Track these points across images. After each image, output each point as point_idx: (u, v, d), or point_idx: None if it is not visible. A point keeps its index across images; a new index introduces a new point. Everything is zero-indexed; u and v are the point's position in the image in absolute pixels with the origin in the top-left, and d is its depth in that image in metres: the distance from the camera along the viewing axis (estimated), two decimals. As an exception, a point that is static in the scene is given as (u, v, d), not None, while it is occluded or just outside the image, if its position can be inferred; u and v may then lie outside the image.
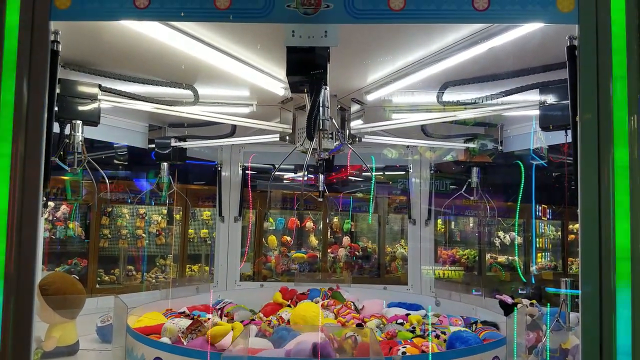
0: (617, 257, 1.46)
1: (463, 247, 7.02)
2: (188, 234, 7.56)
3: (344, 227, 7.66)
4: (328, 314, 3.12)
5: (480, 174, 3.63)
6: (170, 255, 7.51)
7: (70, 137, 2.54)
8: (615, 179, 1.47)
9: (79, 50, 2.44)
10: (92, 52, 2.47)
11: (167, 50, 2.32)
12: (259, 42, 2.27)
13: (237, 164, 4.58)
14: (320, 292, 3.76)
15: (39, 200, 1.54)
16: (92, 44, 2.37)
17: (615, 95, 1.42)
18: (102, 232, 6.64)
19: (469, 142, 3.52)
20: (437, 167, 4.23)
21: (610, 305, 1.47)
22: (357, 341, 2.27)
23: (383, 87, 2.69)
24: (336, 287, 3.93)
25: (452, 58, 2.26)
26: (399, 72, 2.53)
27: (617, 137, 1.45)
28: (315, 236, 8.00)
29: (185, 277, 7.16)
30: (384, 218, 7.47)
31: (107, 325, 3.02)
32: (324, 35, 1.60)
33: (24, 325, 1.44)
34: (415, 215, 4.17)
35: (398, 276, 6.62)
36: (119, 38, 2.25)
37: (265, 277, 7.18)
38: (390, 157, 4.47)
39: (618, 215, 1.46)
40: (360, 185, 7.10)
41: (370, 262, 7.26)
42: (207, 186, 7.10)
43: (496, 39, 2.03)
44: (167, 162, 3.88)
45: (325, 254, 7.29)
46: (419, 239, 4.13)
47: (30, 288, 1.47)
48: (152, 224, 7.35)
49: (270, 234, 8.08)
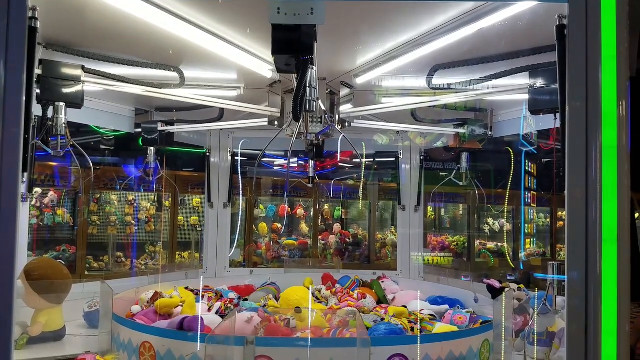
0: (604, 240, 1.46)
1: (453, 234, 7.07)
2: (178, 220, 7.51)
3: (335, 214, 7.66)
4: (330, 299, 3.15)
5: (469, 159, 3.62)
6: (160, 242, 7.47)
7: (53, 120, 2.48)
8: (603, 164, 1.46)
9: (61, 30, 2.38)
10: (75, 32, 2.41)
11: (151, 30, 2.26)
12: (245, 21, 2.22)
13: (226, 149, 4.54)
14: (349, 279, 3.78)
15: (18, 184, 1.50)
16: (75, 24, 2.31)
17: (604, 76, 1.41)
18: (91, 218, 6.57)
19: (459, 127, 3.50)
20: (427, 153, 4.22)
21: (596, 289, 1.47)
22: (289, 324, 2.36)
23: (372, 70, 2.66)
24: (382, 275, 3.95)
25: (441, 39, 2.23)
26: (388, 54, 2.50)
27: (605, 120, 1.44)
28: (306, 223, 7.99)
29: (175, 263, 7.13)
30: (374, 205, 7.48)
31: (94, 310, 3.00)
32: (310, 12, 1.56)
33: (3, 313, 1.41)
34: (405, 201, 4.17)
35: (388, 262, 6.64)
36: (101, 17, 2.19)
37: (255, 263, 7.17)
38: (380, 143, 4.45)
39: (605, 201, 1.45)
40: (351, 172, 7.09)
41: (360, 248, 7.27)
42: (196, 172, 7.04)
43: (485, 20, 2.01)
44: (154, 147, 3.82)
45: (316, 241, 7.29)
46: (409, 224, 4.13)
47: (10, 275, 1.44)
48: (141, 211, 7.29)
49: (261, 220, 8.06)
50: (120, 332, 2.47)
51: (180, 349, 2.22)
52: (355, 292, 3.40)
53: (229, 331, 2.22)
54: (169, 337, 2.28)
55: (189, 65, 2.81)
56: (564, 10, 1.46)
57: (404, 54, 2.46)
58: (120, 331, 2.46)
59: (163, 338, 2.29)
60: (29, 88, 1.60)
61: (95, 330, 2.84)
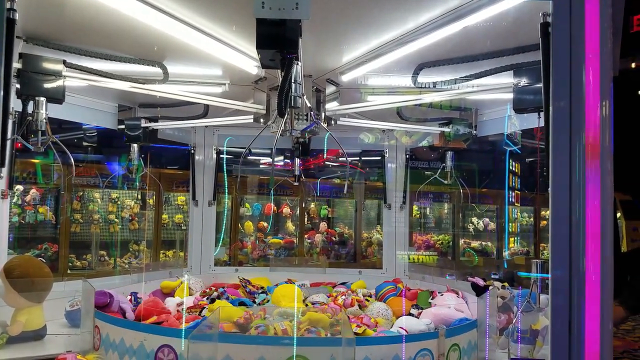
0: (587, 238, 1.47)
1: (437, 233, 7.12)
2: (162, 219, 7.43)
3: (321, 212, 7.66)
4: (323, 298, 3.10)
5: (454, 158, 3.64)
6: (144, 241, 7.38)
7: (34, 115, 2.43)
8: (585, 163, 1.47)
9: (42, 23, 2.33)
10: (56, 25, 2.36)
11: (133, 24, 2.23)
12: (230, 16, 2.20)
13: (211, 147, 4.49)
14: (387, 286, 3.36)
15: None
16: (56, 17, 2.26)
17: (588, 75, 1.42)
18: (74, 216, 6.47)
19: (444, 126, 3.52)
20: (413, 152, 4.23)
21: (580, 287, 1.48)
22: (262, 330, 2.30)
23: (358, 67, 2.65)
24: (434, 292, 3.29)
25: (427, 37, 2.23)
26: (374, 52, 2.50)
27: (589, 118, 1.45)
28: (292, 222, 7.97)
29: (159, 262, 7.05)
30: (360, 204, 7.50)
31: (75, 309, 2.94)
32: (294, 7, 1.54)
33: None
34: (391, 200, 4.18)
35: (374, 261, 6.67)
36: (82, 10, 2.15)
37: (241, 262, 7.13)
38: (366, 142, 4.46)
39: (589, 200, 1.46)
40: (337, 171, 7.10)
41: (346, 247, 7.29)
42: (181, 170, 6.98)
43: (470, 18, 2.02)
44: (137, 143, 3.76)
45: (302, 239, 7.28)
46: (394, 223, 4.14)
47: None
48: (124, 209, 7.20)
49: (247, 219, 8.02)
50: (101, 329, 2.44)
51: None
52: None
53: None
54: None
55: (173, 60, 2.77)
56: (549, 8, 1.47)
57: (390, 51, 2.46)
58: (109, 331, 2.42)
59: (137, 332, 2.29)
60: (7, 82, 1.55)
61: (77, 329, 2.79)
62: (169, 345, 2.17)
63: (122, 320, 2.54)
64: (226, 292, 3.12)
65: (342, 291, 3.13)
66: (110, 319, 2.46)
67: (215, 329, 2.15)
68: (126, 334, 2.32)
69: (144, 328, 2.33)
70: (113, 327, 2.41)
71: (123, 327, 2.37)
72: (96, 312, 2.50)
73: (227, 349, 2.04)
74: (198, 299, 3.06)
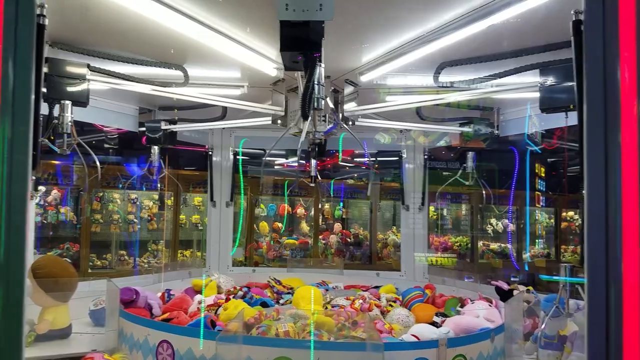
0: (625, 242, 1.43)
1: (455, 234, 7.04)
2: (179, 219, 7.50)
3: (335, 213, 7.64)
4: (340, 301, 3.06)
5: (475, 159, 3.59)
6: (162, 240, 7.46)
7: (59, 118, 2.47)
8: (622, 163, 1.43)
9: (66, 28, 2.36)
10: (80, 29, 2.39)
11: (155, 28, 2.25)
12: (250, 19, 2.20)
13: (228, 148, 4.52)
14: (414, 291, 3.25)
15: (27, 183, 1.48)
16: (79, 22, 2.29)
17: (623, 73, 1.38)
18: (94, 217, 6.56)
19: (464, 126, 3.48)
20: (431, 152, 4.19)
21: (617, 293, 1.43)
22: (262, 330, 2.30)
23: (378, 68, 2.63)
24: (466, 300, 3.09)
25: (449, 37, 2.21)
26: (394, 52, 2.48)
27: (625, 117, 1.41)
28: (307, 222, 7.97)
29: (177, 262, 7.12)
30: (375, 205, 7.46)
31: (99, 308, 2.98)
32: (318, 8, 1.54)
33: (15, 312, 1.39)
34: (409, 201, 4.14)
35: (389, 263, 6.61)
36: (106, 15, 2.18)
37: (256, 262, 7.16)
38: (383, 142, 4.43)
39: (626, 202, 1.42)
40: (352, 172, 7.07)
41: (361, 248, 7.25)
42: (198, 171, 7.03)
43: (495, 16, 1.98)
44: (157, 145, 3.80)
45: (316, 240, 7.27)
46: (412, 225, 4.10)
47: (20, 273, 1.42)
48: (143, 209, 7.29)
49: (261, 220, 8.05)
50: (125, 329, 2.46)
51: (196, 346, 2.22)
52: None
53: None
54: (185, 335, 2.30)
55: (193, 63, 2.79)
56: (580, 5, 1.43)
57: (410, 51, 2.44)
58: (126, 327, 2.45)
59: (165, 332, 2.32)
60: (38, 86, 1.57)
61: (101, 328, 2.83)
62: (167, 341, 2.28)
63: (132, 316, 2.58)
64: (250, 291, 3.14)
65: (362, 295, 3.09)
66: (129, 316, 2.51)
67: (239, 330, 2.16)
68: (135, 328, 2.43)
69: (149, 324, 2.42)
70: (127, 323, 2.49)
71: (133, 322, 2.46)
72: (121, 311, 2.53)
73: (249, 350, 2.05)
74: (218, 298, 3.08)
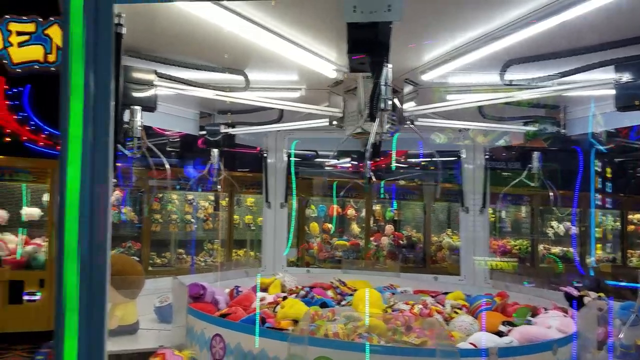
0: None
1: (515, 237, 6.77)
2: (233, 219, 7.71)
3: (387, 215, 7.55)
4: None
5: (541, 159, 3.43)
6: (217, 240, 7.69)
7: (130, 123, 2.59)
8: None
9: (133, 35, 2.46)
10: (146, 37, 2.49)
11: (219, 34, 2.30)
12: (312, 22, 2.22)
13: (282, 150, 4.58)
14: (482, 298, 3.06)
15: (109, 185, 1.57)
16: (147, 29, 2.38)
17: None
18: (154, 216, 6.87)
19: (528, 124, 3.34)
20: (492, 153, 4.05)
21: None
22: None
23: (439, 67, 2.58)
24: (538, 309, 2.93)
25: (517, 34, 2.12)
26: (458, 50, 2.42)
27: None
28: (357, 224, 7.94)
29: (232, 261, 7.32)
30: (429, 206, 7.31)
31: (165, 305, 3.10)
32: (387, 9, 1.52)
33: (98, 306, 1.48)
34: (468, 202, 4.03)
35: (444, 266, 6.45)
36: (172, 22, 2.25)
37: (308, 263, 7.22)
38: (438, 142, 4.33)
39: None
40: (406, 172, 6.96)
41: (414, 251, 7.13)
42: (250, 173, 7.19)
43: (565, 13, 1.89)
44: (216, 148, 3.92)
45: (367, 242, 7.22)
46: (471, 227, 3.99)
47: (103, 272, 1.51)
48: (199, 210, 7.55)
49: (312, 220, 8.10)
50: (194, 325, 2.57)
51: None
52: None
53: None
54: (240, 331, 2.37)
55: (254, 68, 2.85)
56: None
57: (475, 49, 2.37)
58: (194, 324, 2.56)
59: (231, 331, 2.42)
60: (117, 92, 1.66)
61: (167, 324, 2.95)
62: (219, 335, 2.43)
63: (193, 310, 2.73)
64: (312, 291, 3.17)
65: (424, 300, 3.04)
66: (190, 311, 2.61)
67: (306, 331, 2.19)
68: (195, 322, 2.60)
69: (205, 318, 2.58)
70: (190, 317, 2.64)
71: (194, 317, 2.64)
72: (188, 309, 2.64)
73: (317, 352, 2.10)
74: (278, 296, 3.14)
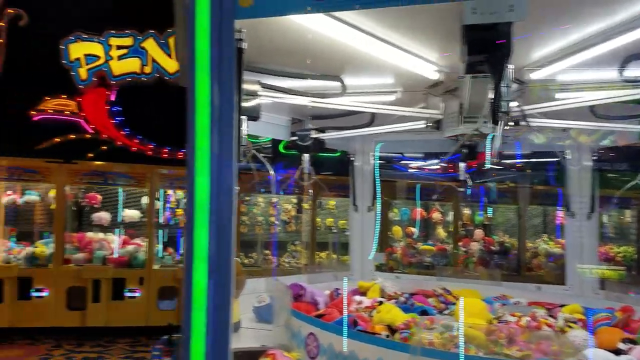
0: None
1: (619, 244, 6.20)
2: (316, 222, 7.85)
3: (476, 219, 7.26)
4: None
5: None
6: (300, 242, 7.87)
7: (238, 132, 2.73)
8: None
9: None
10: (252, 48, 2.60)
11: (320, 43, 2.34)
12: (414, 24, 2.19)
13: (369, 153, 4.58)
14: (601, 312, 2.83)
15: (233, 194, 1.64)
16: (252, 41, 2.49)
17: None
18: (241, 219, 7.20)
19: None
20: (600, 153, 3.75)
21: None
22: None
23: (550, 64, 2.43)
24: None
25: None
26: (571, 48, 2.26)
27: None
28: (443, 228, 7.71)
29: (315, 263, 7.45)
30: (524, 210, 6.91)
31: (263, 305, 3.22)
32: (509, 9, 1.47)
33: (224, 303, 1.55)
34: (574, 207, 3.75)
35: (541, 274, 6.05)
36: (278, 33, 2.33)
37: (391, 268, 7.14)
38: (537, 142, 4.08)
39: None
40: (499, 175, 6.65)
41: (507, 257, 6.76)
42: (334, 176, 7.27)
43: None
44: (308, 153, 4.01)
45: (455, 247, 6.98)
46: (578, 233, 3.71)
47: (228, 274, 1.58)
48: (282, 212, 7.78)
49: (395, 224, 8.01)
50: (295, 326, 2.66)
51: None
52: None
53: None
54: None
55: (350, 73, 2.87)
56: None
57: (591, 46, 2.21)
58: (295, 324, 2.65)
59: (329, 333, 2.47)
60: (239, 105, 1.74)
61: (266, 324, 3.06)
62: (313, 334, 2.52)
63: (293, 310, 2.81)
64: (412, 298, 3.14)
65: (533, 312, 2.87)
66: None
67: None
68: (292, 320, 2.72)
69: (301, 317, 2.68)
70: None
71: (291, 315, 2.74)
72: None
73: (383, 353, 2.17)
74: (375, 301, 3.14)
